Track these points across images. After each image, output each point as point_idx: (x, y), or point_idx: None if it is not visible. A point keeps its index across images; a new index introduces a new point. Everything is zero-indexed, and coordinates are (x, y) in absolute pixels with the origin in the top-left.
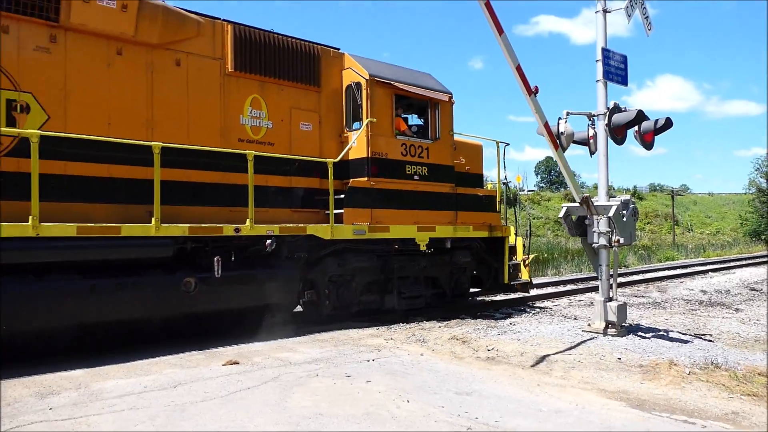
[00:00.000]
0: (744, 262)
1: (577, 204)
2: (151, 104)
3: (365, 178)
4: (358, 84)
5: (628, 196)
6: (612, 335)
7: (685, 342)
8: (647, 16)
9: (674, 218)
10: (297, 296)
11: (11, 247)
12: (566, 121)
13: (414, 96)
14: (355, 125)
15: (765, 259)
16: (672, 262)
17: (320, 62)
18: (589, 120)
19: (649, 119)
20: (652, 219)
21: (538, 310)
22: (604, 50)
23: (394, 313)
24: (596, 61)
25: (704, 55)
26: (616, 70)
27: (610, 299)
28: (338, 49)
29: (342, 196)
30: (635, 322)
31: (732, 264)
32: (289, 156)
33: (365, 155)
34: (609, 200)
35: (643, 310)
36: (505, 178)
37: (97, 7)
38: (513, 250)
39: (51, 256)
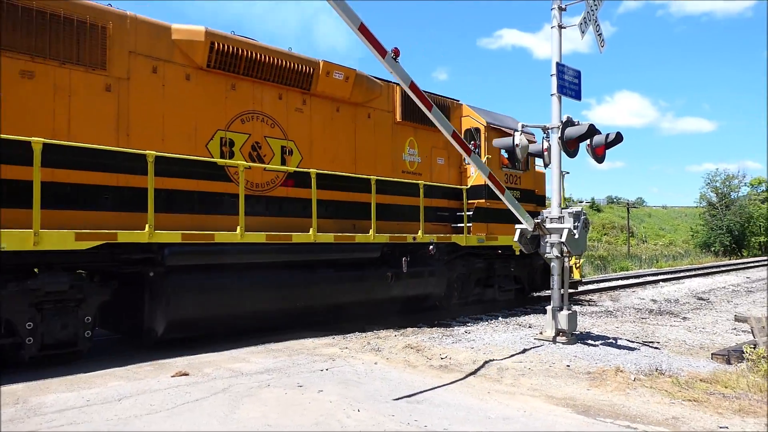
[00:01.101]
0: (693, 273)
1: (528, 227)
2: (354, 147)
3: (483, 200)
4: (477, 129)
5: (579, 207)
6: (562, 343)
7: (633, 349)
8: (600, 33)
9: (629, 230)
10: (444, 289)
11: (298, 250)
12: (522, 134)
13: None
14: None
15: (713, 270)
16: (626, 272)
17: (449, 111)
18: (544, 133)
19: (600, 133)
20: (608, 230)
21: (498, 317)
22: (559, 65)
23: (379, 318)
24: (551, 75)
25: (660, 72)
26: (570, 85)
27: (562, 308)
28: (458, 100)
29: (461, 213)
30: (586, 330)
31: (682, 274)
32: (439, 184)
33: (483, 183)
34: (561, 211)
35: (596, 319)
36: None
37: (332, 79)
38: None
39: (320, 256)
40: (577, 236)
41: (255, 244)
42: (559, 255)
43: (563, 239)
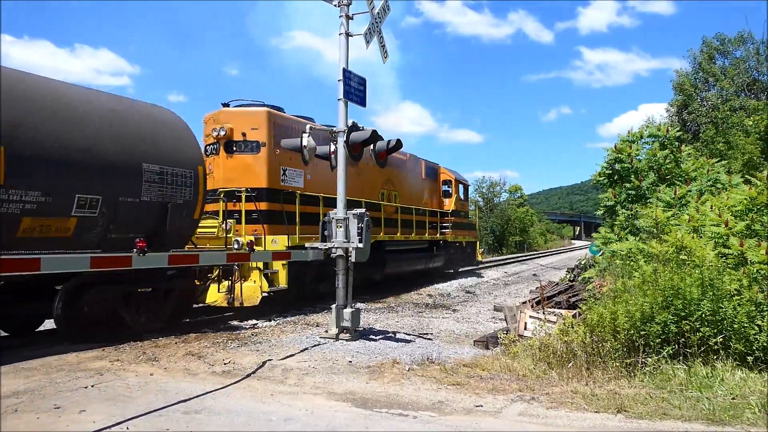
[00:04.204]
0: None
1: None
2: (411, 193)
3: (454, 218)
4: (449, 180)
5: (362, 210)
6: (346, 340)
7: (409, 342)
8: (384, 45)
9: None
10: (444, 263)
11: (407, 243)
12: (309, 136)
13: (463, 183)
14: (444, 195)
15: (479, 267)
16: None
17: (438, 171)
18: (331, 136)
19: (383, 139)
20: None
21: (283, 318)
22: (345, 71)
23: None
24: (338, 80)
25: (438, 87)
26: (356, 91)
27: (346, 306)
28: (438, 164)
29: (445, 224)
30: (369, 326)
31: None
32: (440, 210)
33: (454, 209)
34: (346, 213)
35: (379, 315)
36: (476, 214)
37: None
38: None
39: (412, 245)
40: (362, 246)
41: (398, 240)
42: (344, 254)
43: (353, 259)
